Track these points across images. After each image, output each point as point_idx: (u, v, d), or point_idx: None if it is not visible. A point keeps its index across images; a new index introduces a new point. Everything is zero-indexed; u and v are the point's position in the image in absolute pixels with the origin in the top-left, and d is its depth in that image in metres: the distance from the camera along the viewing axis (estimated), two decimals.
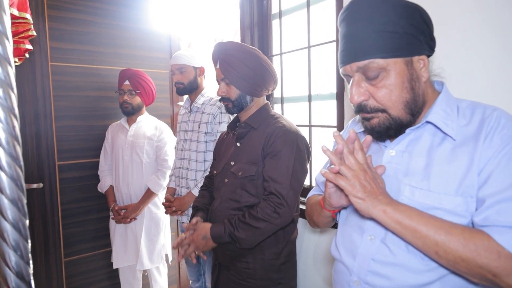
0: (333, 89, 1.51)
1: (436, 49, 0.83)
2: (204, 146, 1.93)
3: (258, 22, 2.05)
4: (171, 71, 2.07)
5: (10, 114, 0.64)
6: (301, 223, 1.71)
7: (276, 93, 2.05)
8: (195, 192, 1.91)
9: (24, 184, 0.65)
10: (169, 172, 2.29)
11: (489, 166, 0.71)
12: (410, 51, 0.76)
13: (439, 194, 0.75)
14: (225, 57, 1.38)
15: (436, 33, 0.82)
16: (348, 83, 0.83)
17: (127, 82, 2.24)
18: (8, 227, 0.63)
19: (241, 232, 1.30)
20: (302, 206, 1.55)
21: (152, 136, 2.31)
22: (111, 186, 2.34)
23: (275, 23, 2.04)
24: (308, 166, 1.43)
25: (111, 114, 2.50)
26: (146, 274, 2.44)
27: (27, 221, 0.66)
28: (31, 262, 0.66)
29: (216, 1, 3.43)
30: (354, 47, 0.78)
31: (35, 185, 2.18)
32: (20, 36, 1.49)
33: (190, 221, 1.47)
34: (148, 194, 2.26)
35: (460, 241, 0.68)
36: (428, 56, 0.81)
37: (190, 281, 2.20)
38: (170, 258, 2.47)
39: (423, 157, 0.79)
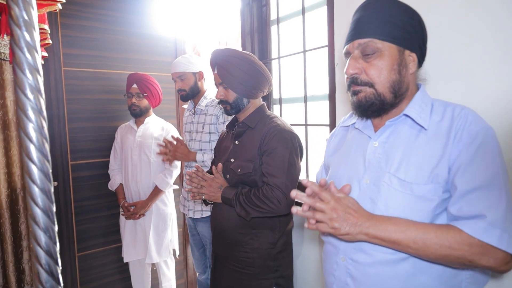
0: (327, 91, 1.62)
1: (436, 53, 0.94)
2: (209, 146, 2.04)
3: (258, 28, 2.17)
4: (172, 79, 2.16)
5: (39, 116, 0.77)
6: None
7: (275, 94, 2.16)
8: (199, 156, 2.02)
9: (51, 176, 0.78)
10: (176, 171, 2.41)
11: (460, 159, 0.82)
12: (405, 44, 0.90)
13: (411, 184, 0.85)
14: (222, 63, 1.49)
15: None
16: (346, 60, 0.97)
17: (134, 86, 2.35)
18: (39, 212, 0.76)
19: (246, 205, 1.41)
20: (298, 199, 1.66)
21: (159, 137, 2.42)
22: (121, 184, 2.47)
23: (273, 29, 2.14)
24: (300, 161, 1.54)
25: (120, 115, 2.62)
26: (154, 268, 2.56)
27: (54, 208, 0.78)
28: (57, 242, 0.79)
29: (220, 6, 3.55)
30: (360, 27, 0.92)
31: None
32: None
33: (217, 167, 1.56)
34: (156, 191, 2.37)
35: (436, 244, 0.78)
36: (419, 58, 0.94)
37: (197, 273, 2.31)
38: (177, 253, 2.59)
39: (402, 148, 0.90)
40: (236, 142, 1.56)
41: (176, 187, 2.49)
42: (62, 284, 0.80)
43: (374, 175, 0.93)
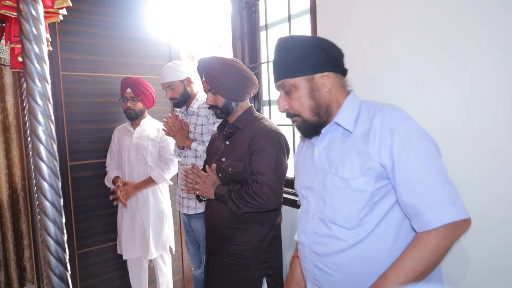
0: None
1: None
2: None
3: (248, 33, 2.27)
4: (163, 88, 2.22)
5: (48, 120, 0.88)
6: (286, 209, 1.92)
7: (265, 96, 2.26)
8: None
9: (58, 173, 0.88)
10: (174, 168, 2.50)
11: (388, 154, 0.95)
12: (310, 71, 1.04)
13: (348, 180, 1.00)
14: (209, 72, 1.59)
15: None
16: None
17: (129, 90, 2.42)
18: (48, 206, 0.86)
19: (237, 201, 1.51)
20: (286, 195, 1.77)
21: (155, 138, 2.51)
22: (117, 176, 2.54)
23: (262, 34, 2.25)
24: (287, 159, 1.64)
25: (116, 118, 2.71)
26: (152, 265, 2.65)
27: (62, 201, 0.88)
28: (65, 232, 0.89)
29: (213, 10, 3.64)
30: (275, 71, 1.09)
31: None
32: None
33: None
34: (149, 180, 2.44)
35: (423, 259, 0.88)
36: (339, 70, 1.07)
37: (192, 268, 2.41)
38: (173, 250, 2.68)
39: (339, 150, 1.05)
40: (227, 142, 1.66)
41: (171, 183, 2.58)
42: (69, 270, 0.90)
43: (321, 177, 1.08)
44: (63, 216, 0.93)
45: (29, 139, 2.04)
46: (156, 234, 2.49)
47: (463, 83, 1.14)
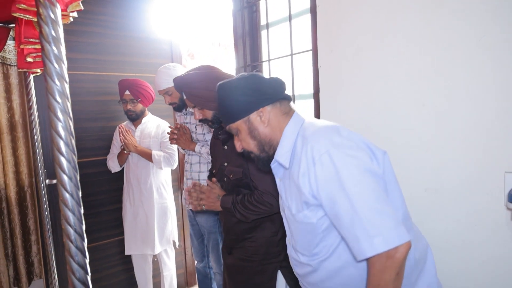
0: (312, 90, 1.78)
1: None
2: (207, 144, 2.19)
3: (249, 32, 2.33)
4: (160, 94, 2.24)
5: (67, 117, 0.93)
6: None
7: None
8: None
9: (77, 166, 0.93)
10: (174, 163, 2.54)
11: (315, 188, 0.97)
12: (245, 113, 1.09)
13: (294, 214, 1.05)
14: (189, 90, 1.56)
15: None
16: None
17: (127, 92, 2.43)
18: (68, 197, 0.92)
19: (243, 211, 1.53)
20: None
21: (156, 135, 2.55)
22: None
23: (263, 34, 2.30)
24: None
25: (119, 116, 2.74)
26: (156, 259, 2.71)
27: (80, 192, 0.94)
28: (83, 222, 0.95)
29: (214, 8, 3.68)
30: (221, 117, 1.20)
31: (55, 181, 2.45)
32: None
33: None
34: (148, 152, 2.46)
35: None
36: (278, 100, 1.11)
37: (196, 261, 2.47)
38: (177, 243, 2.74)
39: (288, 184, 1.09)
40: (225, 147, 1.67)
41: (162, 169, 2.58)
42: (88, 257, 0.96)
43: (284, 206, 1.13)
44: (82, 207, 0.99)
45: (36, 137, 2.09)
46: (160, 229, 2.55)
47: (457, 81, 1.20)
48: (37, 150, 2.09)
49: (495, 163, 1.12)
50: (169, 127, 2.28)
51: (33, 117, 2.07)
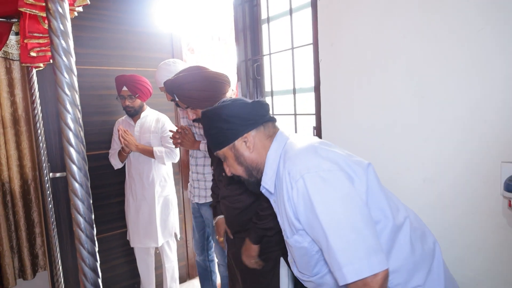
0: (313, 83, 1.81)
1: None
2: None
3: (250, 26, 2.34)
4: (161, 91, 2.24)
5: (75, 109, 0.96)
6: None
7: (267, 87, 2.34)
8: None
9: (86, 157, 0.96)
10: (175, 157, 2.56)
11: (297, 215, 0.99)
12: (229, 141, 1.11)
13: (288, 239, 1.07)
14: (181, 92, 1.58)
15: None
16: None
17: (125, 88, 2.42)
18: (77, 187, 0.95)
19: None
20: None
21: (156, 130, 2.56)
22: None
23: (264, 27, 2.32)
24: None
25: (121, 110, 2.73)
26: (158, 252, 2.75)
27: (89, 182, 0.97)
28: (92, 211, 0.98)
29: (214, 3, 3.68)
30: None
31: (58, 174, 2.47)
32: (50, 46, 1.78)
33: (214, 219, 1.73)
34: (149, 149, 2.48)
35: None
36: (262, 124, 1.12)
37: (196, 254, 2.51)
38: (178, 236, 2.78)
39: (280, 206, 1.08)
40: None
41: (165, 165, 2.61)
42: (97, 245, 0.99)
43: (281, 227, 1.15)
44: (91, 196, 1.01)
45: (39, 131, 2.11)
46: (163, 222, 2.58)
47: (455, 73, 1.23)
48: (41, 144, 2.11)
49: (492, 153, 1.15)
50: (170, 131, 2.27)
51: (36, 111, 2.09)
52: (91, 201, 1.00)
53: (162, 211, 2.59)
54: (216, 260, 2.46)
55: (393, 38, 1.40)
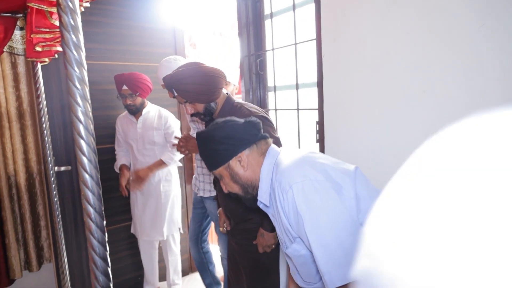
0: (316, 78, 1.83)
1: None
2: None
3: (253, 21, 2.36)
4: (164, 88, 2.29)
5: (86, 102, 0.99)
6: None
7: (270, 82, 2.36)
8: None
9: (95, 148, 0.99)
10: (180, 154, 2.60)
11: (291, 225, 1.05)
12: (224, 161, 1.15)
13: (288, 249, 1.11)
14: (179, 86, 1.61)
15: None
16: None
17: (125, 87, 2.41)
18: (87, 178, 0.98)
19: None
20: None
21: (159, 126, 2.56)
22: (124, 165, 2.64)
23: (267, 23, 2.34)
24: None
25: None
26: (161, 245, 2.78)
27: (99, 174, 0.99)
28: (102, 202, 1.00)
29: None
30: None
31: (63, 168, 2.50)
32: (56, 41, 1.80)
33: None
34: (159, 162, 2.51)
35: None
36: (254, 143, 1.16)
37: (189, 246, 2.54)
38: (181, 230, 2.82)
39: (278, 218, 1.13)
40: None
41: (180, 164, 2.68)
42: (107, 236, 1.02)
43: (280, 240, 1.20)
44: (101, 187, 1.04)
45: (44, 125, 2.13)
46: (169, 216, 2.62)
47: (457, 68, 1.25)
48: (46, 138, 2.14)
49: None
50: (175, 137, 2.28)
51: (41, 106, 2.11)
52: (101, 192, 1.02)
53: (168, 205, 2.63)
54: (210, 252, 2.53)
55: (396, 34, 1.42)
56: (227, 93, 1.76)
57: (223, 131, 1.14)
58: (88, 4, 1.36)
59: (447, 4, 1.25)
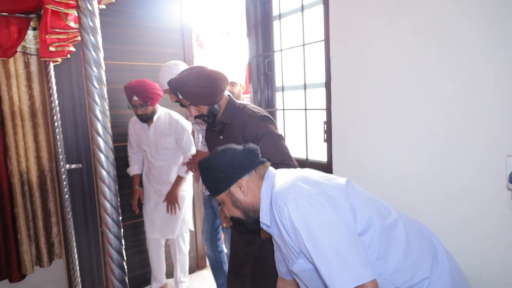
0: (323, 79, 1.86)
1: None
2: None
3: (262, 22, 2.39)
4: (166, 93, 2.27)
5: (103, 101, 1.02)
6: None
7: (278, 83, 2.39)
8: None
9: (112, 146, 1.02)
10: None
11: (295, 242, 1.07)
12: (225, 187, 1.20)
13: (293, 267, 1.15)
14: (183, 89, 1.65)
15: None
16: None
17: (135, 98, 2.41)
18: (104, 173, 1.01)
19: None
20: None
21: (170, 133, 2.57)
22: (136, 176, 2.73)
23: (276, 24, 2.36)
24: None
25: None
26: (168, 242, 2.83)
27: (115, 171, 1.03)
28: (118, 197, 1.04)
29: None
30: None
31: (74, 166, 2.55)
32: (69, 41, 1.84)
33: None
34: (179, 180, 2.59)
35: None
36: (253, 169, 1.21)
37: (205, 246, 2.58)
38: (192, 228, 2.88)
39: (281, 238, 1.17)
40: (221, 137, 1.79)
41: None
42: (122, 229, 1.05)
43: (286, 260, 1.23)
44: (117, 183, 1.07)
45: (56, 124, 2.17)
46: (182, 216, 2.67)
47: (463, 70, 1.27)
48: (57, 136, 2.18)
49: (498, 147, 1.19)
50: (188, 161, 2.28)
51: (53, 105, 2.16)
52: (117, 187, 1.05)
53: (182, 206, 2.67)
54: (225, 251, 2.53)
55: (403, 36, 1.44)
56: (228, 95, 1.81)
57: (223, 159, 1.20)
58: (103, 6, 1.39)
59: (455, 6, 1.27)
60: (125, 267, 1.03)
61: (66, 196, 2.22)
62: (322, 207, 1.04)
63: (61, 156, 2.20)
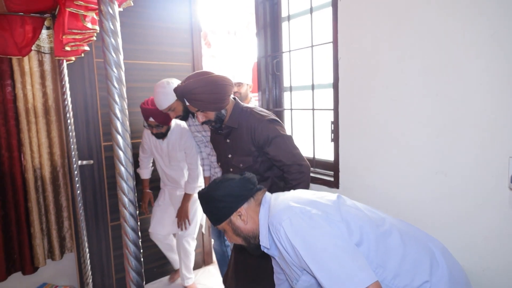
0: (331, 80, 1.89)
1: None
2: None
3: (271, 23, 2.43)
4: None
5: (122, 100, 1.07)
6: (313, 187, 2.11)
7: (286, 83, 2.43)
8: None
9: (130, 144, 1.07)
10: (199, 176, 2.62)
11: (297, 257, 1.10)
12: (226, 216, 1.26)
13: (298, 282, 1.20)
14: (191, 96, 1.67)
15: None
16: None
17: (151, 119, 2.43)
18: (123, 170, 1.06)
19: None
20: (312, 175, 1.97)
21: (181, 147, 2.59)
22: (146, 180, 2.81)
23: (284, 25, 2.40)
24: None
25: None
26: (175, 237, 2.89)
27: (133, 167, 1.08)
28: (135, 192, 1.09)
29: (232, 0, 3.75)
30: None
31: (85, 162, 2.61)
32: (85, 41, 1.90)
33: None
34: (187, 197, 2.61)
35: None
36: (253, 198, 1.27)
37: (212, 240, 2.62)
38: (203, 227, 2.98)
39: (282, 259, 1.23)
40: (228, 141, 1.82)
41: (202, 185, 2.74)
42: (139, 223, 1.10)
43: (289, 280, 1.28)
44: (134, 179, 1.13)
45: (69, 121, 2.23)
46: (191, 219, 2.71)
47: (468, 73, 1.30)
48: (70, 133, 2.23)
49: (500, 148, 1.23)
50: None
51: (66, 102, 2.21)
52: (134, 183, 1.10)
53: (191, 208, 2.71)
54: (231, 246, 2.58)
55: (410, 39, 1.48)
56: (234, 98, 1.83)
57: (222, 190, 1.25)
58: (121, 9, 1.44)
59: (461, 10, 1.30)
60: (141, 258, 1.08)
61: (78, 192, 2.28)
62: (315, 222, 1.09)
63: (73, 153, 2.26)
